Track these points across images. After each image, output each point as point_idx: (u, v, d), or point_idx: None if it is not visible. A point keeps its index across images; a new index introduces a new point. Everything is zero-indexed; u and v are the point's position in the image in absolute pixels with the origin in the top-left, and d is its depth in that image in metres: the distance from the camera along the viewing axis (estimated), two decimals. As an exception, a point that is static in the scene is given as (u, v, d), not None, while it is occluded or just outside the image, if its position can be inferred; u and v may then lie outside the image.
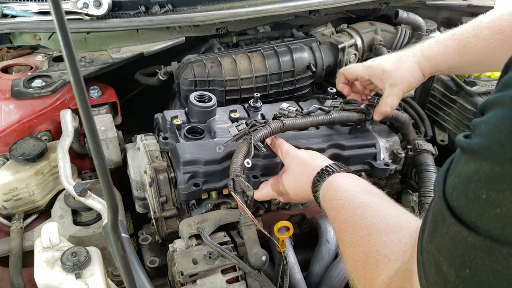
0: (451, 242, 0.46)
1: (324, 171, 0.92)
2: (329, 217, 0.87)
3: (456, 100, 1.46)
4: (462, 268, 0.45)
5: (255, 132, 1.03)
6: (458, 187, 0.46)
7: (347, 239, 0.77)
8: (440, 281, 0.48)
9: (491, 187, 0.42)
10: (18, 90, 1.28)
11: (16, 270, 1.03)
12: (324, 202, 0.89)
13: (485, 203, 0.42)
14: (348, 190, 0.84)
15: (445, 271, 0.47)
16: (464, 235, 0.44)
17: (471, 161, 0.45)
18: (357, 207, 0.78)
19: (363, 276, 0.71)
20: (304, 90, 1.50)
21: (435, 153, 1.31)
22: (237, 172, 0.98)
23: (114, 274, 1.08)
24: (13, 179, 1.15)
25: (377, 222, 0.73)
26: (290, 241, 1.20)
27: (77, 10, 1.35)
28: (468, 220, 0.44)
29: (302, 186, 0.98)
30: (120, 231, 0.57)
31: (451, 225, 0.46)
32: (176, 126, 1.16)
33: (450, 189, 0.47)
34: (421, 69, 1.09)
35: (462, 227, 0.44)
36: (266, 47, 1.43)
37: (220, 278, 0.97)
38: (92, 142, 0.48)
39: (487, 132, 0.44)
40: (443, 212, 0.47)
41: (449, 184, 0.48)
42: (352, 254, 0.75)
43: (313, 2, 1.52)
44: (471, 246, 0.43)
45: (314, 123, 1.12)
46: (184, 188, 1.08)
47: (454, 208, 0.46)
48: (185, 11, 1.46)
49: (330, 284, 1.14)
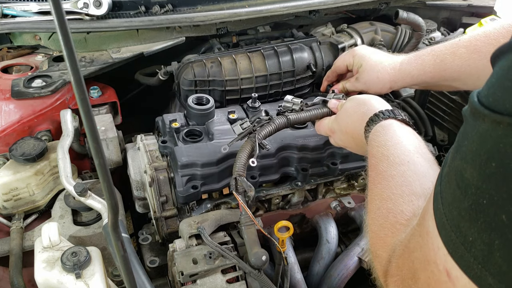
0: (480, 141, 0.45)
1: (380, 113, 0.87)
2: (369, 163, 0.84)
3: (456, 100, 1.46)
4: (488, 163, 0.44)
5: (259, 130, 1.03)
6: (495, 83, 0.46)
7: (377, 192, 0.76)
8: (460, 193, 0.47)
9: None
10: (18, 90, 1.28)
11: (16, 270, 1.03)
12: (370, 146, 0.85)
13: None
14: (400, 143, 0.80)
15: (467, 177, 0.46)
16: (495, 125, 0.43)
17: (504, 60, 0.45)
18: (401, 164, 0.75)
19: (378, 233, 0.70)
20: (304, 90, 1.50)
21: (435, 153, 1.31)
22: (240, 172, 0.99)
23: (114, 274, 1.08)
24: (13, 179, 1.15)
25: (415, 185, 0.71)
26: (290, 241, 1.20)
27: (77, 10, 1.35)
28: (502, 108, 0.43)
29: (353, 125, 0.95)
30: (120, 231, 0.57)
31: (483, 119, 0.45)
32: (174, 130, 1.17)
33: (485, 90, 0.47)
34: (392, 83, 1.15)
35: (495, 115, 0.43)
36: (266, 47, 1.43)
37: (220, 278, 0.97)
38: (92, 142, 0.48)
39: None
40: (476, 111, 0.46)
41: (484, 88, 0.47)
42: (376, 207, 0.74)
43: (313, 2, 1.52)
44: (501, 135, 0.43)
45: (319, 115, 1.11)
46: (182, 191, 1.08)
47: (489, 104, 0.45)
48: (185, 11, 1.46)
49: (330, 284, 1.14)
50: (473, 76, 1.03)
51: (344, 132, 1.01)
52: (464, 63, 1.03)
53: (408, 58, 1.14)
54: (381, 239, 0.68)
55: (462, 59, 1.03)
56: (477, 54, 1.01)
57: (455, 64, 1.04)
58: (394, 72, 1.14)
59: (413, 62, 1.12)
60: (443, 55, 1.06)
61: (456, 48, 1.04)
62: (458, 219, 0.47)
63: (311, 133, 1.20)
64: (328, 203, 1.27)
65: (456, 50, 1.04)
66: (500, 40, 0.96)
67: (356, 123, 0.93)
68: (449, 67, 1.05)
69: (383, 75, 1.15)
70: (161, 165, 1.13)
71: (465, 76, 1.05)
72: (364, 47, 1.26)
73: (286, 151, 1.18)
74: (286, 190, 1.20)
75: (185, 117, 1.25)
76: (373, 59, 1.18)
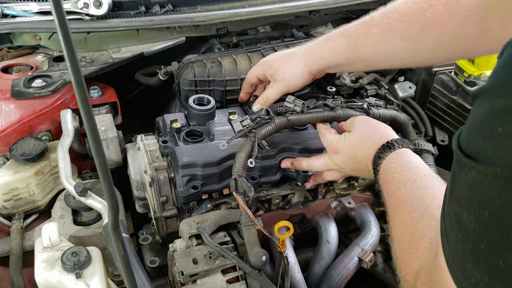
0: (469, 188, 0.46)
1: (395, 142, 0.89)
2: (385, 190, 0.84)
3: (456, 100, 1.46)
4: (481, 211, 0.45)
5: (259, 130, 1.03)
6: (473, 129, 0.47)
7: (398, 217, 0.76)
8: (461, 235, 0.48)
9: (506, 119, 0.42)
10: (19, 90, 1.28)
11: (17, 270, 1.03)
12: (385, 173, 0.86)
13: (502, 135, 0.42)
14: (416, 169, 0.81)
15: (465, 221, 0.47)
16: (481, 177, 0.44)
17: (484, 102, 0.46)
18: (418, 188, 0.76)
19: (403, 259, 0.71)
20: (304, 90, 1.50)
21: (435, 153, 1.31)
22: (240, 172, 0.98)
23: (114, 274, 1.08)
24: (13, 179, 1.15)
25: (433, 208, 0.71)
26: (290, 241, 1.20)
27: (77, 10, 1.35)
28: (485, 157, 0.44)
29: (364, 149, 0.94)
30: (120, 231, 0.57)
31: (470, 169, 0.46)
32: (175, 130, 1.17)
33: (466, 135, 0.48)
34: (307, 67, 1.13)
35: (480, 166, 0.44)
36: (266, 47, 1.43)
37: (220, 278, 0.97)
38: (93, 142, 0.48)
39: (497, 72, 0.45)
40: (461, 160, 0.47)
41: (464, 131, 0.48)
42: (399, 233, 0.74)
43: (313, 2, 1.52)
44: (489, 185, 0.44)
45: (319, 119, 1.11)
46: (182, 191, 1.08)
47: (471, 152, 0.46)
48: (185, 11, 1.46)
49: (330, 284, 1.14)
50: (388, 55, 1.03)
51: (351, 156, 0.99)
52: (378, 43, 1.01)
53: (318, 41, 1.13)
54: (407, 264, 0.69)
55: (376, 39, 1.01)
56: (391, 32, 0.99)
57: (369, 44, 1.03)
58: (306, 57, 1.12)
59: (324, 45, 1.10)
60: (356, 36, 1.04)
61: (368, 27, 1.02)
62: (463, 260, 0.48)
63: (311, 135, 1.20)
64: (328, 203, 1.27)
65: (369, 29, 1.02)
66: (413, 17, 0.95)
67: (369, 149, 0.92)
68: (363, 47, 1.04)
69: (296, 64, 1.13)
70: (161, 165, 1.13)
71: (380, 56, 1.04)
72: (271, 54, 1.23)
73: (286, 152, 1.18)
74: (286, 190, 1.20)
75: (186, 117, 1.25)
76: (281, 56, 1.17)
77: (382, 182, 0.86)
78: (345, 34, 1.07)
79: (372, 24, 1.02)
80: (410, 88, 1.51)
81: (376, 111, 1.20)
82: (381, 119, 1.18)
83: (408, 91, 1.52)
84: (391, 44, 1.00)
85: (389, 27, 0.99)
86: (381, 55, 1.04)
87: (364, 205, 1.31)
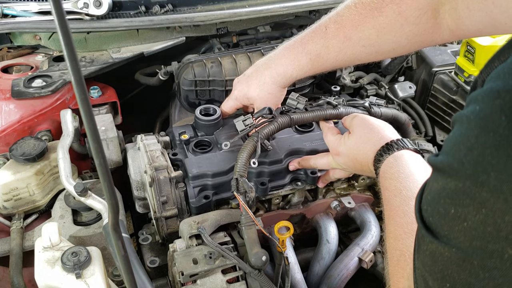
0: (431, 259, 0.48)
1: (394, 143, 0.88)
2: (383, 195, 0.84)
3: (456, 100, 1.46)
4: (444, 283, 0.46)
5: (262, 129, 1.03)
6: (431, 203, 0.48)
7: (392, 229, 0.76)
8: None
9: (457, 202, 0.44)
10: (18, 90, 1.28)
11: (17, 270, 1.03)
12: (383, 178, 0.85)
13: (454, 217, 0.44)
14: (412, 176, 0.81)
15: (431, 285, 0.49)
16: (441, 251, 0.46)
17: (439, 178, 0.47)
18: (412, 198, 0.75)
19: (392, 276, 0.71)
20: (304, 90, 1.50)
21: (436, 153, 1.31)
22: (241, 172, 0.99)
23: (114, 274, 1.08)
24: (13, 179, 1.15)
25: None
26: (290, 241, 1.20)
27: (77, 10, 1.35)
28: (442, 234, 0.46)
29: (364, 152, 0.94)
30: (120, 231, 0.57)
31: (429, 242, 0.48)
32: (184, 142, 1.20)
33: (425, 205, 0.49)
34: (280, 85, 1.15)
35: (438, 242, 0.46)
36: (267, 47, 1.43)
37: (220, 278, 0.97)
38: (93, 142, 0.48)
39: (448, 150, 0.46)
40: (421, 230, 0.49)
41: (424, 200, 0.50)
42: (391, 247, 0.74)
43: (313, 2, 1.52)
44: (447, 261, 0.45)
45: (322, 117, 1.11)
46: (194, 201, 1.10)
47: (430, 224, 0.48)
48: (185, 11, 1.46)
49: (330, 284, 1.14)
50: (351, 60, 1.07)
51: (352, 158, 0.99)
52: (339, 54, 1.03)
53: (281, 61, 1.11)
54: (394, 284, 0.70)
55: (337, 51, 1.03)
56: (349, 42, 1.01)
57: (332, 57, 1.05)
58: (275, 80, 1.13)
59: (289, 65, 1.10)
60: (316, 52, 1.06)
61: (326, 40, 1.04)
62: None
63: (318, 137, 1.21)
64: (328, 203, 1.26)
65: (326, 42, 1.03)
66: (367, 25, 0.96)
67: (369, 151, 0.92)
68: (326, 62, 1.06)
69: (270, 87, 1.14)
70: (161, 165, 1.13)
71: (345, 62, 1.08)
72: (239, 83, 1.24)
73: (295, 155, 1.18)
74: (287, 190, 1.20)
75: (193, 128, 1.26)
76: (252, 84, 1.17)
77: (380, 187, 0.86)
78: (305, 52, 1.07)
79: (328, 37, 1.03)
80: (410, 88, 1.51)
81: (377, 110, 1.20)
82: (383, 118, 1.18)
83: (408, 91, 1.52)
84: (352, 51, 1.02)
85: (346, 38, 1.00)
86: (345, 62, 1.07)
87: (364, 205, 1.31)
